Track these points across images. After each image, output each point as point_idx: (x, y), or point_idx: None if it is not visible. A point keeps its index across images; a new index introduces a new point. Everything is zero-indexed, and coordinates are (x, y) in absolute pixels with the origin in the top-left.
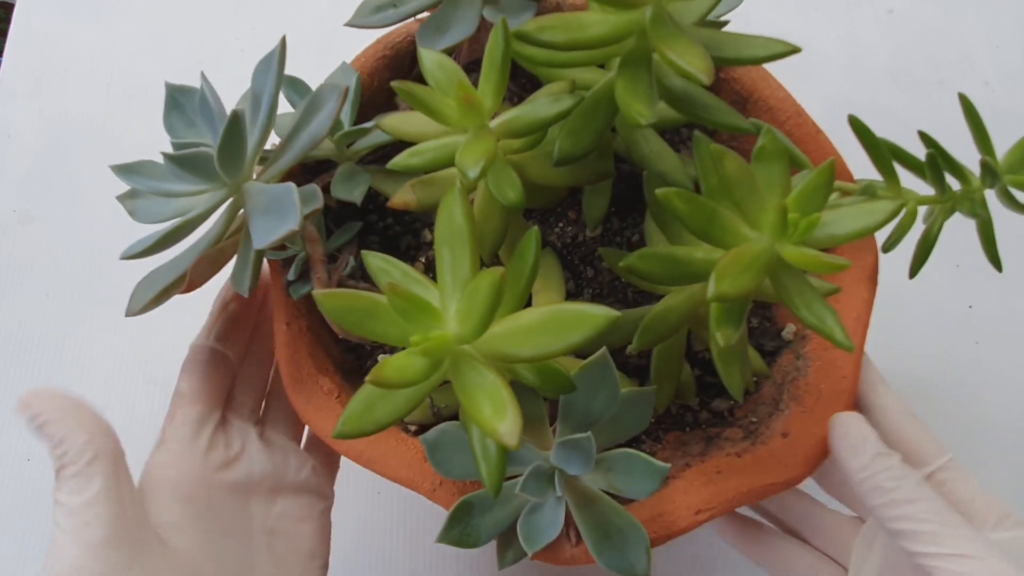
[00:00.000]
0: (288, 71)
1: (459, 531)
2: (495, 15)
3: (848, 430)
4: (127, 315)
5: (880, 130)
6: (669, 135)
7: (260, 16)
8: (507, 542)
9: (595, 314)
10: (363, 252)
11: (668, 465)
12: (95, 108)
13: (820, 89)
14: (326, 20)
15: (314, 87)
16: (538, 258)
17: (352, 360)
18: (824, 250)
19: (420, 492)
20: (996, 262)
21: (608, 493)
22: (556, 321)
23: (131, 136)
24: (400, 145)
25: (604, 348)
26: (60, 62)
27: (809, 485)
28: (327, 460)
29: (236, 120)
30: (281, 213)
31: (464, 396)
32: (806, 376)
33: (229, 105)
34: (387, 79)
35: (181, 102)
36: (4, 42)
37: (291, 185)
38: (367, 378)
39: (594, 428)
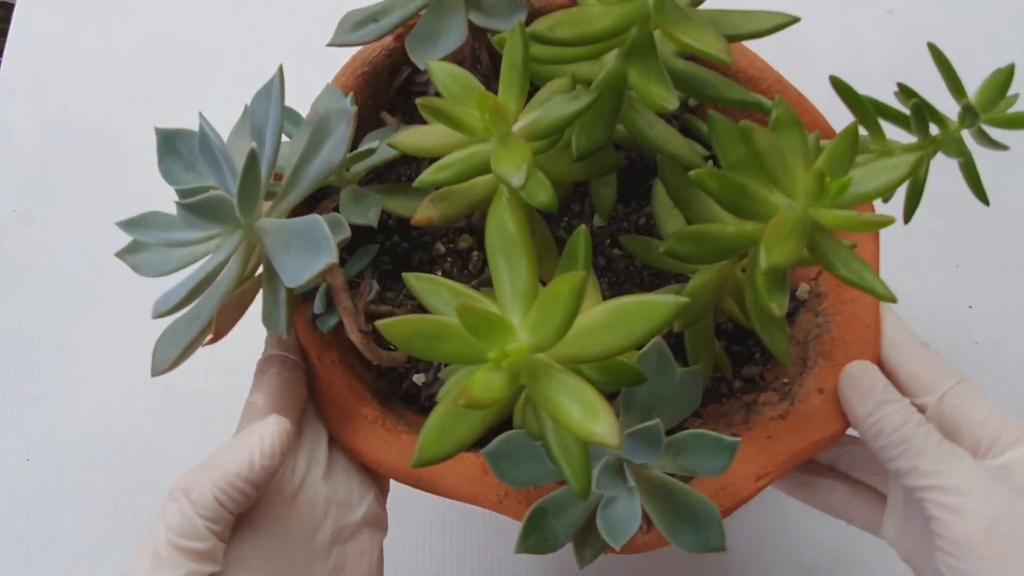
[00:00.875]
0: (289, 72)
1: (536, 538)
2: (484, 20)
3: (856, 379)
4: (153, 375)
5: None
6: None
7: (260, 16)
8: (583, 541)
9: (662, 303)
10: (404, 275)
11: (739, 439)
12: (95, 108)
13: (820, 88)
14: (327, 21)
15: (315, 89)
16: (590, 256)
17: (385, 384)
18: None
19: (486, 506)
20: (982, 197)
21: (670, 474)
22: (622, 316)
23: (131, 136)
24: (397, 163)
25: (659, 336)
26: (60, 62)
27: None
28: (382, 481)
29: (254, 159)
30: (311, 248)
31: (548, 404)
32: (830, 332)
33: (224, 114)
34: (368, 95)
35: (176, 145)
36: (4, 42)
37: (316, 218)
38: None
39: (655, 414)
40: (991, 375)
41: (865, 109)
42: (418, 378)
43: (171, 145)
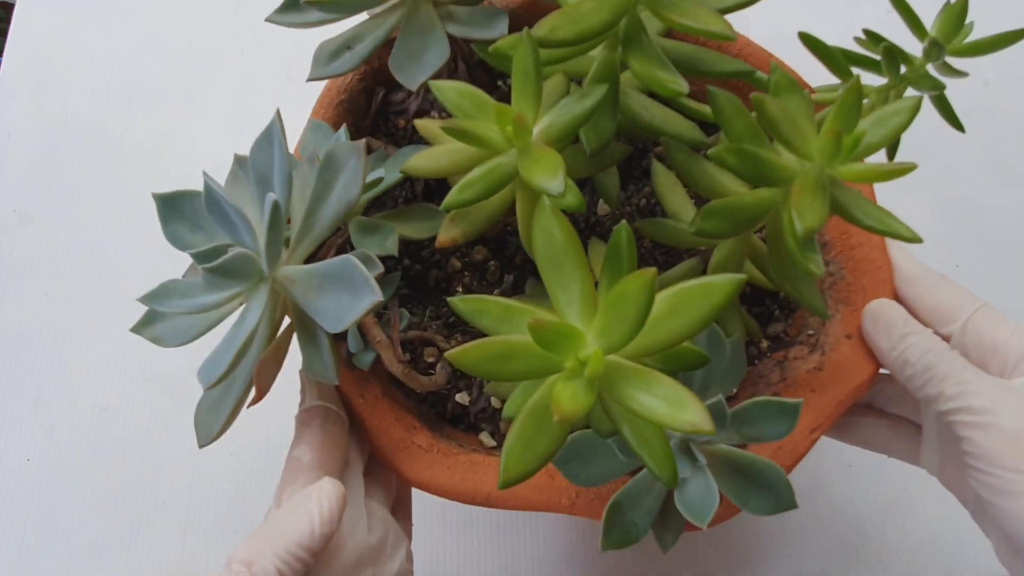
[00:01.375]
0: (290, 74)
1: (619, 533)
2: (463, 30)
3: (877, 316)
4: (200, 446)
5: None
6: None
7: (260, 16)
8: (663, 526)
9: (721, 283)
10: (450, 300)
11: (800, 400)
12: (95, 108)
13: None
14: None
15: (317, 91)
16: (634, 252)
17: (427, 409)
18: None
19: (558, 511)
20: (957, 125)
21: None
22: (683, 302)
23: (131, 136)
24: (396, 188)
25: None
26: (60, 62)
27: None
28: (407, 525)
29: (277, 209)
30: (349, 289)
31: (632, 403)
32: (844, 278)
33: (224, 114)
34: (351, 123)
35: (179, 206)
36: (4, 42)
37: (349, 258)
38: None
39: (712, 390)
40: None
41: (836, 59)
42: (461, 397)
43: (174, 207)
